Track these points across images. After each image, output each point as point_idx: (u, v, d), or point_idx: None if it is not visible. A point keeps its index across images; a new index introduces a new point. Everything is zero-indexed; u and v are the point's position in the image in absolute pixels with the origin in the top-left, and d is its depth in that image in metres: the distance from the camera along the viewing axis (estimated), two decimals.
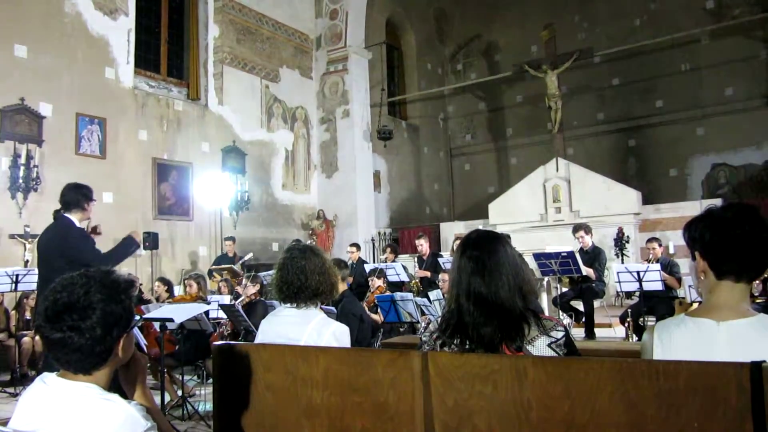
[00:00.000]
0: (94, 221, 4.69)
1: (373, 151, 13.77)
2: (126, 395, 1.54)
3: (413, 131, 16.76)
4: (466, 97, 17.86)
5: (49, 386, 1.45)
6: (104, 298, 1.41)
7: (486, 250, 1.88)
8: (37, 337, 5.72)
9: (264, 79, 12.13)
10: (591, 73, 15.29)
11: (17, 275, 6.21)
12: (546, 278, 7.04)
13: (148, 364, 6.29)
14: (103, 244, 8.58)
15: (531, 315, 1.82)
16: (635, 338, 6.52)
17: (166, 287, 7.07)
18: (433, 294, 6.18)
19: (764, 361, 1.31)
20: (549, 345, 1.78)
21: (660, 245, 7.01)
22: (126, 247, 4.58)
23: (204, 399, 5.43)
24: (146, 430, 1.38)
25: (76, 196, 4.34)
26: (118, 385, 1.58)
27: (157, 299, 7.11)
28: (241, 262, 9.25)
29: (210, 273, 9.25)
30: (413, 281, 8.36)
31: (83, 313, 1.38)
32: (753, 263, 1.56)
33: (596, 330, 7.17)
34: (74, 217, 4.31)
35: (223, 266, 9.20)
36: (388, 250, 9.31)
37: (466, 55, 18.00)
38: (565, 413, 1.51)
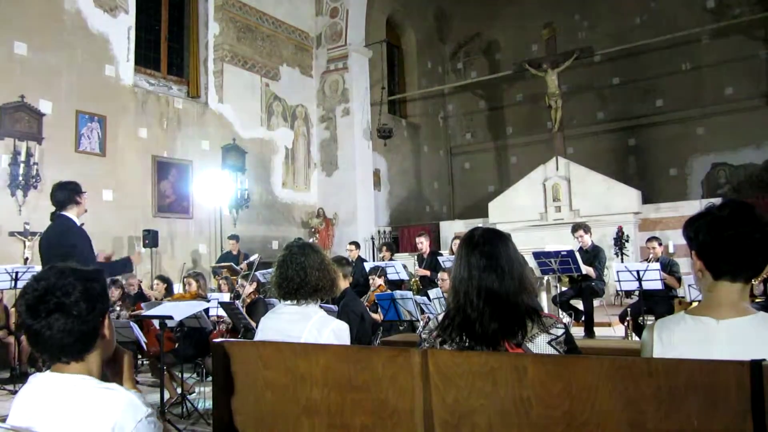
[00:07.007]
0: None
1: (373, 150, 13.76)
2: None
3: (413, 130, 16.76)
4: (466, 95, 17.85)
5: (44, 381, 1.45)
6: (80, 278, 1.45)
7: (498, 246, 1.89)
8: None
9: (264, 77, 12.12)
10: (591, 72, 15.28)
11: (17, 272, 6.21)
12: (546, 277, 7.04)
13: (147, 361, 6.30)
14: (102, 240, 8.58)
15: (533, 312, 1.82)
16: (635, 337, 6.53)
17: (165, 285, 6.98)
18: (433, 292, 6.18)
19: (764, 360, 1.31)
20: (549, 342, 1.78)
21: (660, 244, 7.02)
22: (122, 266, 4.73)
23: (204, 397, 5.43)
24: (147, 415, 1.40)
25: (66, 193, 4.34)
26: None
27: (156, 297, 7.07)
28: (246, 262, 9.18)
29: (214, 271, 9.24)
30: (413, 279, 8.36)
31: (65, 290, 1.41)
32: (748, 264, 1.54)
33: (596, 329, 7.19)
34: (72, 214, 4.32)
35: (222, 264, 9.19)
36: (384, 248, 9.29)
37: (466, 53, 17.99)
38: (564, 411, 1.51)
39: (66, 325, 1.39)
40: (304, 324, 2.37)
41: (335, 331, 2.37)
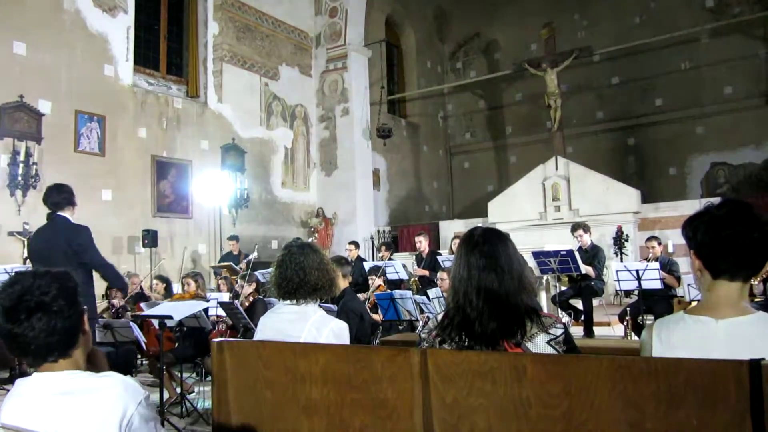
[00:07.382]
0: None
1: (373, 149, 13.76)
2: None
3: (413, 129, 16.76)
4: (465, 95, 17.86)
5: (38, 383, 1.45)
6: (54, 278, 1.45)
7: (498, 246, 1.90)
8: None
9: (263, 76, 12.12)
10: (590, 72, 15.29)
11: (16, 272, 6.19)
12: (545, 276, 7.03)
13: (147, 361, 6.30)
14: (102, 241, 8.59)
15: (532, 311, 1.83)
16: (634, 337, 6.52)
17: (165, 285, 7.02)
18: (432, 292, 6.18)
19: (763, 359, 1.31)
20: (548, 342, 1.78)
21: (659, 244, 7.01)
22: (119, 279, 4.86)
23: (203, 396, 5.43)
24: (146, 397, 1.44)
25: (65, 195, 4.46)
26: None
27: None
28: (246, 260, 9.20)
29: (215, 271, 9.25)
30: (412, 279, 8.36)
31: (43, 289, 1.41)
32: (746, 263, 1.54)
33: (595, 328, 7.19)
34: (68, 215, 4.38)
35: (222, 264, 9.19)
36: (383, 248, 9.29)
37: (465, 53, 17.99)
38: (564, 410, 1.51)
39: (49, 324, 1.39)
40: (304, 323, 2.37)
41: (334, 331, 2.37)
